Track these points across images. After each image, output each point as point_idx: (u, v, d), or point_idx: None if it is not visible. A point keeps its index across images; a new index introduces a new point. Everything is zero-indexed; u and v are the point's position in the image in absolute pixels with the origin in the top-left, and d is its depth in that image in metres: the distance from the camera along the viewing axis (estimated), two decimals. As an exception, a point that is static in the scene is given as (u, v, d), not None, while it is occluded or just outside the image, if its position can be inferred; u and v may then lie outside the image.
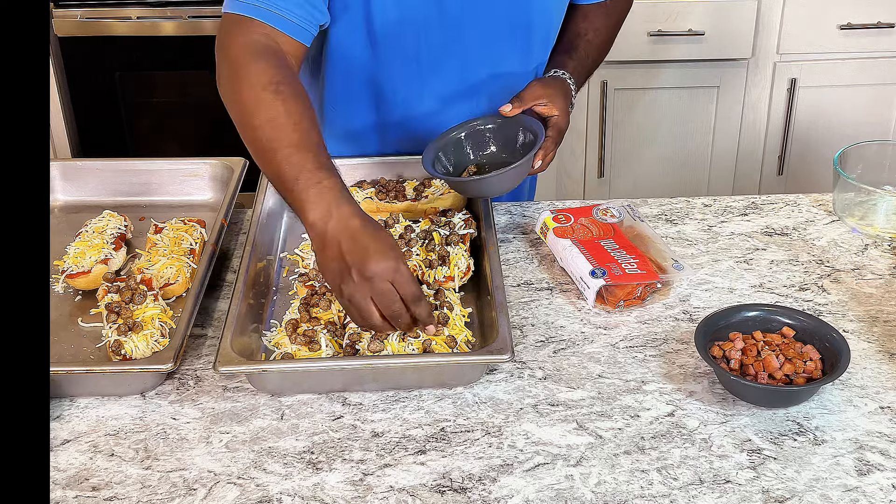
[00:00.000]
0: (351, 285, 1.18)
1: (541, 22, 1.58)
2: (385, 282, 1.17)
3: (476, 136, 1.54)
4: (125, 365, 1.21)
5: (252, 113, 1.28)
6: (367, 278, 1.16)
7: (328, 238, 1.19)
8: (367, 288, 1.17)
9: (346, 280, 1.18)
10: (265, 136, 1.26)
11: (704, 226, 1.57)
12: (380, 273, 1.16)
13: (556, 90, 1.52)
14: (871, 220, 1.53)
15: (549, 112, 1.50)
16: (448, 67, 1.56)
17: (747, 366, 1.21)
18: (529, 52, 1.60)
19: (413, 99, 1.59)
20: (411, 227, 1.48)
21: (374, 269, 1.16)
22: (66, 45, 2.70)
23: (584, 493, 1.08)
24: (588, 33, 1.64)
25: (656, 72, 2.73)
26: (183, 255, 1.43)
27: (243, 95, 1.29)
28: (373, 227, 1.20)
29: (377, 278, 1.16)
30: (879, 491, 1.08)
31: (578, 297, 1.40)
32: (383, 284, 1.17)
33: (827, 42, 2.68)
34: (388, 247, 1.19)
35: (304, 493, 1.09)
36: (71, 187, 1.64)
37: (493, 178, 1.41)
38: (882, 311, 1.36)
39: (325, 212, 1.20)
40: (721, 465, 1.11)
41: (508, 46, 1.57)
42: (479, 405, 1.21)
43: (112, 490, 1.10)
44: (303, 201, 1.22)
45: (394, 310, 1.18)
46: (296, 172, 1.23)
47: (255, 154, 1.29)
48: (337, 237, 1.19)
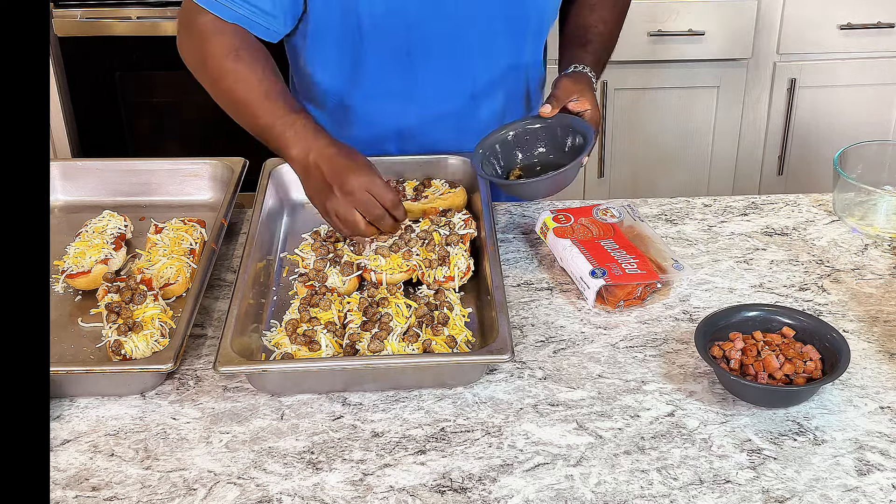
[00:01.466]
0: (335, 201, 1.37)
1: (535, 16, 1.58)
2: (364, 193, 1.35)
3: (524, 137, 1.52)
4: (125, 365, 1.21)
5: (219, 81, 1.45)
6: (349, 192, 1.35)
7: (310, 167, 1.38)
8: (350, 201, 1.36)
9: (331, 198, 1.37)
10: (237, 96, 1.44)
11: (704, 226, 1.57)
12: (357, 186, 1.35)
13: (584, 84, 1.52)
14: (871, 220, 1.53)
15: (582, 107, 1.50)
16: (440, 62, 1.55)
17: (747, 366, 1.21)
18: (522, 46, 1.60)
19: (404, 95, 1.59)
20: (411, 227, 1.48)
21: (352, 184, 1.35)
22: (66, 45, 2.70)
23: (584, 493, 1.08)
24: (598, 25, 1.64)
25: (656, 72, 2.73)
26: (183, 255, 1.43)
27: (209, 67, 1.46)
28: (347, 151, 1.39)
29: (357, 191, 1.35)
30: (879, 491, 1.08)
31: (578, 297, 1.40)
32: (363, 195, 1.36)
33: (827, 42, 2.68)
34: (362, 164, 1.38)
35: (304, 493, 1.09)
36: (71, 187, 1.64)
37: (543, 181, 1.42)
38: (882, 311, 1.36)
39: (304, 147, 1.39)
40: (721, 465, 1.11)
41: (501, 40, 1.56)
42: (479, 405, 1.21)
43: (112, 490, 1.10)
44: (283, 142, 1.41)
45: (376, 214, 1.37)
46: (271, 119, 1.41)
47: (232, 114, 1.47)
48: (317, 164, 1.37)
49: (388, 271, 1.39)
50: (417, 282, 1.41)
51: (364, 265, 1.40)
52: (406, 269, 1.40)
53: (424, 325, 1.28)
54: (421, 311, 1.30)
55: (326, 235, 1.46)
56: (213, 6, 1.43)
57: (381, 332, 1.25)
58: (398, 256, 1.40)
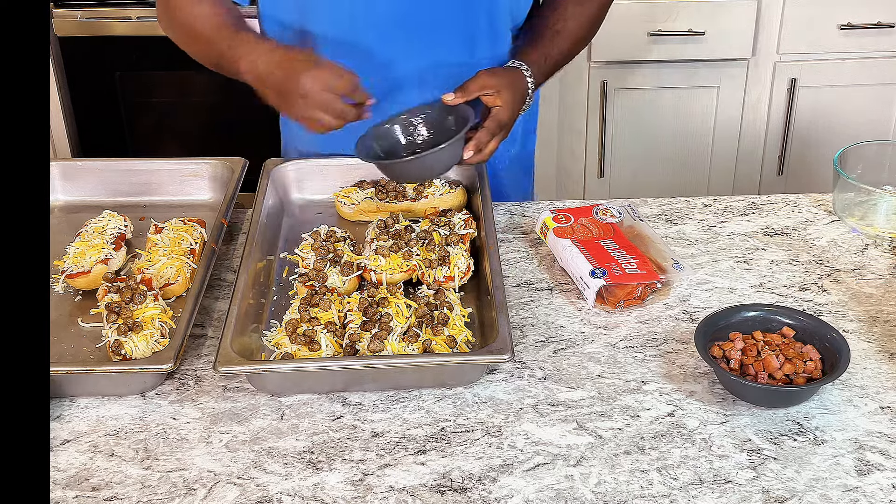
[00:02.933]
0: (295, 105, 1.39)
1: (484, 14, 1.56)
2: (318, 92, 1.36)
3: (407, 124, 1.52)
4: (125, 365, 1.21)
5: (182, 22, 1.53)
6: (303, 95, 1.37)
7: (261, 76, 1.40)
8: (308, 102, 1.37)
9: (291, 102, 1.39)
10: (193, 31, 1.51)
11: (704, 226, 1.57)
12: (311, 86, 1.36)
13: (506, 81, 1.49)
14: (871, 220, 1.53)
15: (494, 102, 1.48)
16: (390, 58, 1.54)
17: (747, 366, 1.21)
18: (473, 44, 1.58)
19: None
20: (411, 227, 1.48)
21: (304, 86, 1.36)
22: (66, 45, 2.70)
23: (584, 493, 1.08)
24: (557, 23, 1.61)
25: (656, 72, 2.73)
26: (183, 255, 1.43)
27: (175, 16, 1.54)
28: (290, 50, 1.41)
29: (311, 92, 1.36)
30: (879, 491, 1.08)
31: (578, 297, 1.40)
32: (319, 95, 1.37)
33: (827, 42, 2.68)
34: (307, 60, 1.38)
35: (304, 493, 1.09)
36: (71, 187, 1.64)
37: (415, 160, 1.40)
38: (882, 311, 1.36)
39: (250, 58, 1.41)
40: (721, 465, 1.11)
41: (450, 37, 1.55)
42: (479, 405, 1.21)
43: (112, 490, 1.10)
44: (232, 60, 1.43)
45: (337, 109, 1.38)
46: (220, 44, 1.46)
47: (193, 52, 1.54)
48: (269, 70, 1.40)
49: (388, 271, 1.39)
50: (417, 282, 1.41)
51: (364, 265, 1.40)
52: (406, 269, 1.40)
53: (424, 325, 1.28)
54: (421, 311, 1.30)
55: (326, 235, 1.46)
56: None
57: (381, 332, 1.25)
58: (398, 256, 1.40)
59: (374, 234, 1.47)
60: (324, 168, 1.63)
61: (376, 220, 1.50)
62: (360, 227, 1.55)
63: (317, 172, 1.63)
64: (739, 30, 2.65)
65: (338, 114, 1.38)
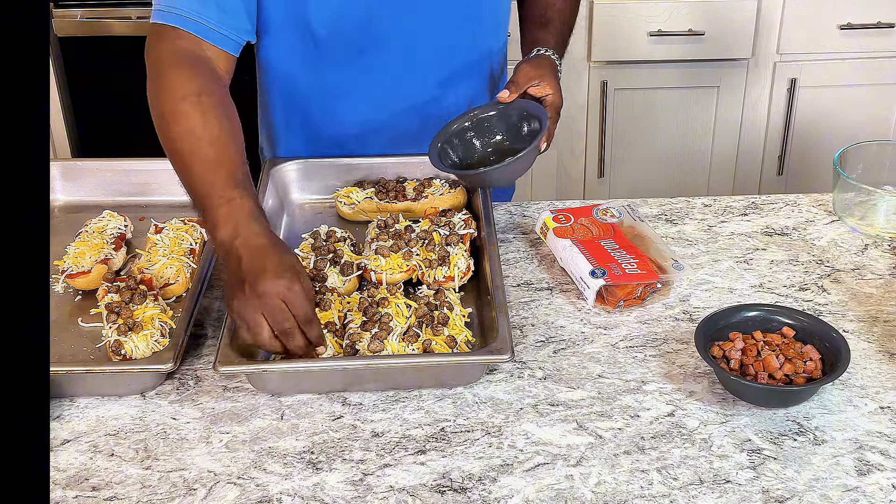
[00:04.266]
0: (241, 299, 1.17)
1: (490, 7, 1.57)
2: (276, 299, 1.16)
3: (479, 126, 1.53)
4: (125, 365, 1.21)
5: (169, 124, 1.29)
6: (259, 294, 1.16)
7: (231, 254, 1.20)
8: (258, 303, 1.16)
9: (238, 294, 1.18)
10: (182, 148, 1.27)
11: (704, 226, 1.57)
12: (271, 290, 1.16)
13: (546, 69, 1.51)
14: (871, 220, 1.53)
15: (543, 92, 1.49)
16: (396, 58, 1.54)
17: (747, 366, 1.21)
18: (479, 34, 1.59)
19: (363, 93, 1.58)
20: (411, 227, 1.48)
21: (265, 286, 1.16)
22: (66, 45, 2.70)
23: (584, 493, 1.08)
24: (557, 2, 1.62)
25: (656, 72, 2.73)
26: (183, 255, 1.43)
27: (163, 105, 1.30)
28: (277, 248, 1.21)
29: (268, 295, 1.16)
30: (879, 491, 1.08)
31: (578, 297, 1.40)
32: (274, 301, 1.16)
33: (827, 42, 2.68)
34: (286, 266, 1.19)
35: (304, 493, 1.09)
36: (71, 187, 1.64)
37: (502, 168, 1.41)
38: (882, 311, 1.36)
39: (232, 231, 1.21)
40: (721, 465, 1.11)
41: (456, 30, 1.56)
42: (479, 405, 1.21)
43: (112, 490, 1.10)
44: (213, 219, 1.23)
45: (284, 328, 1.17)
46: (208, 189, 1.24)
47: (173, 165, 1.30)
48: (239, 253, 1.19)
49: (388, 271, 1.39)
50: (417, 282, 1.41)
51: (364, 265, 1.40)
52: (406, 269, 1.40)
53: (424, 325, 1.28)
54: (421, 311, 1.30)
55: (326, 235, 1.46)
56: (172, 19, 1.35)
57: (381, 332, 1.25)
58: (398, 256, 1.40)
59: (374, 234, 1.47)
60: (324, 168, 1.63)
61: (376, 220, 1.50)
62: (360, 227, 1.55)
63: (317, 172, 1.63)
64: (739, 30, 2.65)
65: (282, 331, 1.17)
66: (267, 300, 1.16)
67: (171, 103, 1.30)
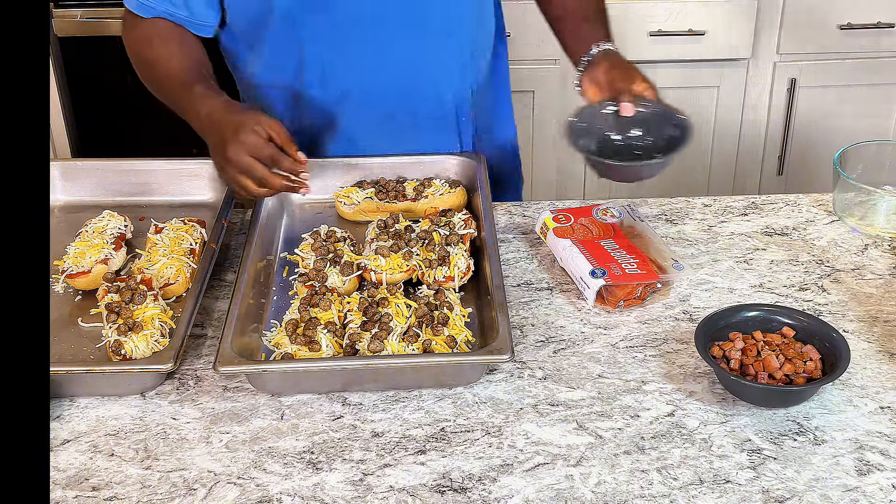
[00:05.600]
0: (229, 150, 1.33)
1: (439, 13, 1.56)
2: (251, 133, 1.32)
3: (621, 119, 1.48)
4: (125, 365, 1.21)
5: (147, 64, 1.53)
6: (229, 160, 1.33)
7: (205, 126, 1.39)
8: (240, 147, 1.32)
9: (223, 149, 1.34)
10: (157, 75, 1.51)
11: (704, 226, 1.57)
12: (244, 127, 1.32)
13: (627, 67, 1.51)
14: (871, 220, 1.53)
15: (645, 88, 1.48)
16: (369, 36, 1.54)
17: (747, 366, 1.21)
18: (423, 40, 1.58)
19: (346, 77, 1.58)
20: (411, 227, 1.48)
21: (230, 151, 1.32)
22: (66, 45, 2.70)
23: (584, 493, 1.08)
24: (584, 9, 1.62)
25: (656, 72, 2.72)
26: (183, 255, 1.43)
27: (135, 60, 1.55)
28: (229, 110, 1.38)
29: (243, 132, 1.32)
30: (879, 491, 1.08)
31: (578, 297, 1.40)
32: (251, 137, 1.32)
33: (827, 42, 2.68)
34: (246, 111, 1.37)
35: (304, 493, 1.09)
36: (71, 187, 1.64)
37: (647, 165, 1.41)
38: (882, 311, 1.36)
39: (199, 111, 1.40)
40: (721, 465, 1.11)
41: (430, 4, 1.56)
42: (479, 405, 1.21)
43: (112, 490, 1.10)
44: (185, 111, 1.44)
45: (267, 153, 1.32)
46: (176, 95, 1.47)
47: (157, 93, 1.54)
48: (203, 128, 1.40)
49: (388, 271, 1.39)
50: (417, 282, 1.41)
51: (364, 265, 1.40)
52: (406, 269, 1.40)
53: (424, 325, 1.28)
54: (421, 311, 1.30)
55: (326, 235, 1.46)
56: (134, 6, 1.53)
57: (381, 332, 1.25)
58: (398, 256, 1.40)
59: (374, 234, 1.47)
60: (324, 168, 1.63)
61: (376, 220, 1.50)
62: (360, 227, 1.55)
63: (317, 172, 1.63)
64: (739, 30, 2.65)
65: (267, 157, 1.33)
66: (243, 137, 1.32)
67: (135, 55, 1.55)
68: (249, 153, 1.32)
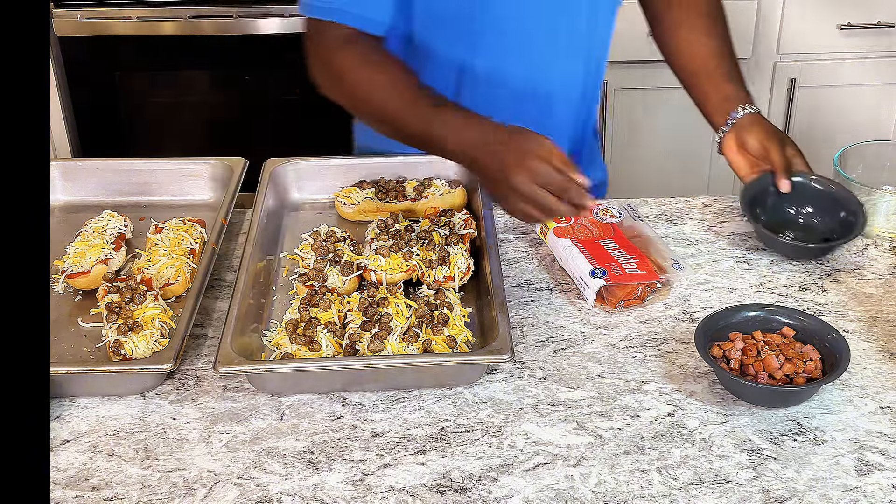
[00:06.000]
0: (515, 178, 1.23)
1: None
2: (538, 161, 1.22)
3: (798, 190, 1.50)
4: (125, 365, 1.21)
5: (353, 92, 1.38)
6: (515, 189, 1.23)
7: (471, 160, 1.29)
8: (528, 175, 1.22)
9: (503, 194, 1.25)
10: (375, 106, 1.37)
11: (704, 226, 1.57)
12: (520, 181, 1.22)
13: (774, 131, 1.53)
14: (871, 221, 1.53)
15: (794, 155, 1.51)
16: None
17: (747, 366, 1.21)
18: None
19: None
20: (411, 227, 1.48)
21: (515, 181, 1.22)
22: (66, 45, 2.70)
23: (584, 493, 1.08)
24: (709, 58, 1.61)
25: (656, 72, 2.71)
26: (183, 255, 1.43)
27: (346, 81, 1.38)
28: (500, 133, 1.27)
29: (529, 159, 1.22)
30: (879, 491, 1.08)
31: (578, 297, 1.40)
32: (539, 165, 1.22)
33: (827, 42, 2.68)
34: (527, 135, 1.25)
35: (304, 493, 1.09)
36: (71, 187, 1.64)
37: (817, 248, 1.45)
38: (882, 311, 1.36)
39: (457, 139, 1.28)
40: (721, 465, 1.11)
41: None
42: (479, 405, 1.21)
43: (112, 490, 1.10)
44: (435, 140, 1.32)
45: (557, 183, 1.23)
46: (415, 121, 1.33)
47: (376, 127, 1.40)
48: (474, 157, 1.27)
49: (388, 271, 1.39)
50: (417, 282, 1.41)
51: (364, 265, 1.40)
52: (406, 269, 1.40)
53: (424, 325, 1.28)
54: (421, 311, 1.30)
55: (326, 235, 1.46)
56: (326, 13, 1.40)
57: (381, 332, 1.25)
58: (398, 256, 1.40)
59: (374, 234, 1.47)
60: (324, 168, 1.63)
61: (376, 220, 1.50)
62: (360, 227, 1.55)
63: (317, 172, 1.63)
64: (739, 30, 2.64)
65: (548, 210, 1.26)
66: (523, 191, 1.23)
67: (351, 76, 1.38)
68: (538, 182, 1.24)
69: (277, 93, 2.78)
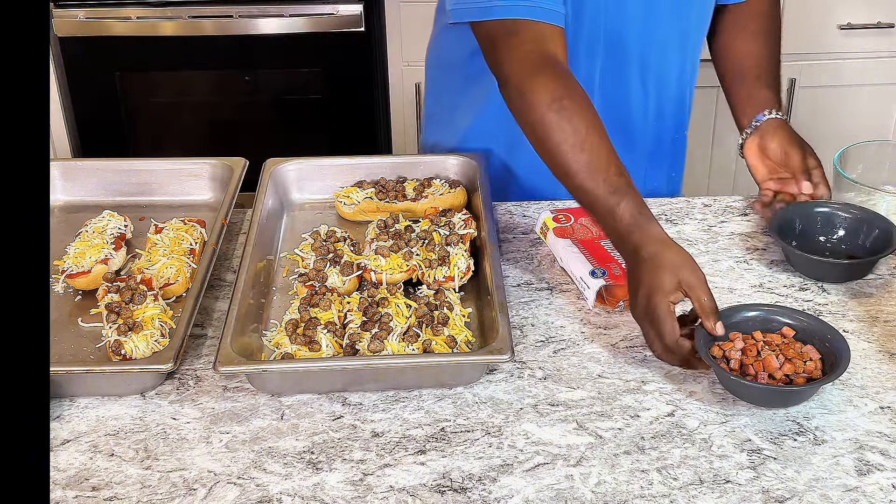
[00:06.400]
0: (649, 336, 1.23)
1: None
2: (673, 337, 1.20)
3: (828, 217, 1.49)
4: (125, 365, 1.21)
5: (543, 137, 1.32)
6: (661, 335, 1.20)
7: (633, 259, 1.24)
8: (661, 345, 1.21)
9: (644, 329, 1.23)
10: (559, 160, 1.30)
11: (704, 226, 1.57)
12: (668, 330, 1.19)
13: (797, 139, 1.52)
14: (872, 220, 1.53)
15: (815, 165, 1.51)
16: None
17: (747, 366, 1.21)
18: None
19: None
20: (411, 227, 1.48)
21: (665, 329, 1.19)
22: (66, 45, 2.70)
23: (584, 493, 1.08)
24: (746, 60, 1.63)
25: (656, 72, 2.72)
26: (183, 255, 1.43)
27: (532, 118, 1.33)
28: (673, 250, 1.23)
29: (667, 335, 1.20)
30: (879, 491, 1.08)
31: (578, 297, 1.40)
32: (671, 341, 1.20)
33: (827, 42, 2.68)
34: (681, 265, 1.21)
35: (304, 493, 1.09)
36: (71, 187, 1.64)
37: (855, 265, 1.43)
38: (882, 311, 1.36)
39: (627, 243, 1.25)
40: (721, 465, 1.11)
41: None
42: (479, 405, 1.21)
43: (112, 490, 1.10)
44: (606, 230, 1.29)
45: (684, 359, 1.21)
46: (591, 200, 1.28)
47: (549, 165, 1.33)
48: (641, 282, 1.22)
49: (388, 271, 1.39)
50: (417, 282, 1.41)
51: (364, 265, 1.40)
52: (406, 269, 1.40)
53: (424, 325, 1.28)
54: (421, 311, 1.30)
55: (326, 235, 1.47)
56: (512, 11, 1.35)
57: (381, 332, 1.25)
58: (398, 256, 1.40)
59: (374, 234, 1.47)
60: (324, 168, 1.63)
61: (376, 220, 1.50)
62: (360, 227, 1.55)
63: (317, 172, 1.64)
64: (739, 30, 2.65)
65: (682, 362, 1.23)
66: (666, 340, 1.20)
67: (538, 114, 1.32)
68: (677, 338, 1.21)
69: (277, 93, 2.78)
